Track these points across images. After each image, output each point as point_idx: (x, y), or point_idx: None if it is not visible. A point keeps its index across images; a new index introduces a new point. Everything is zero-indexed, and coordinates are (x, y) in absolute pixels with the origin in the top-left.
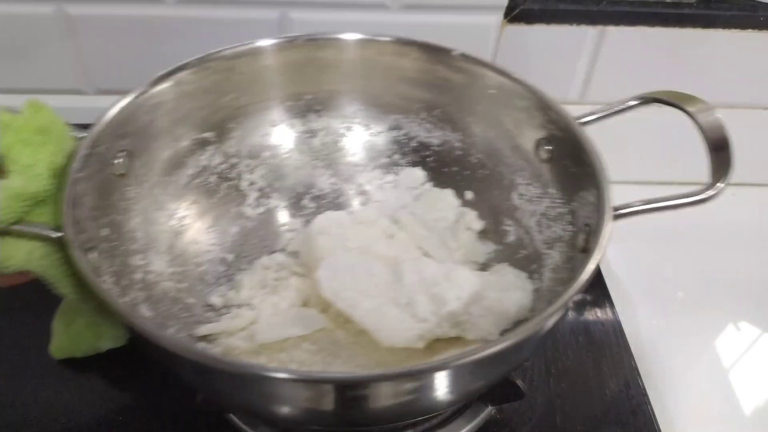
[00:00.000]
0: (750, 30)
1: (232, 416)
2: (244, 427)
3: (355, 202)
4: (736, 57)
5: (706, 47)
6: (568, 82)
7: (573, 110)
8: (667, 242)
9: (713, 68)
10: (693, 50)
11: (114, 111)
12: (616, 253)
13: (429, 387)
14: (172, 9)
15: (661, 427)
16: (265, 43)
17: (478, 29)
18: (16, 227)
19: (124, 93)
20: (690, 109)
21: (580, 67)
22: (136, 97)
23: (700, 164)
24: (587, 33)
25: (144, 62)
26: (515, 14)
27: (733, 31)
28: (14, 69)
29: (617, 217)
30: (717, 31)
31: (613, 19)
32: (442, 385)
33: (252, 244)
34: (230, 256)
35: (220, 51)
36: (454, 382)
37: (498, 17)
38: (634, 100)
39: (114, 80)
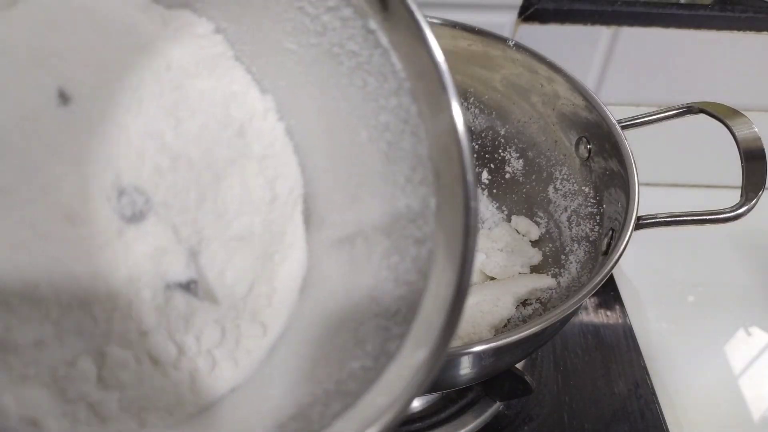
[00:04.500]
0: (766, 32)
1: None
2: None
3: None
4: (752, 59)
5: (721, 49)
6: (581, 81)
7: (616, 111)
8: (679, 245)
9: (729, 70)
10: (708, 52)
11: None
12: (628, 255)
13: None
14: None
15: (670, 428)
16: None
17: (492, 28)
18: None
19: None
20: (730, 122)
21: (594, 67)
22: None
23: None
24: (601, 33)
25: None
26: (529, 13)
27: (749, 33)
28: None
29: (641, 226)
30: (732, 33)
31: (627, 19)
32: (469, 363)
33: None
34: None
35: None
36: (477, 363)
37: (512, 16)
38: (680, 108)
39: None
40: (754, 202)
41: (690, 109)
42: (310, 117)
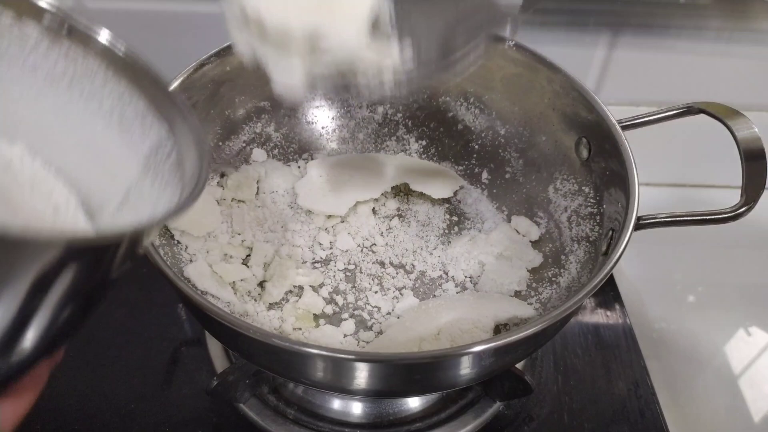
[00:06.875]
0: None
1: (242, 406)
2: (253, 416)
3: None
4: (751, 60)
5: (721, 49)
6: (581, 81)
7: (616, 111)
8: (679, 246)
9: (729, 70)
10: (708, 52)
11: (180, 79)
12: (629, 254)
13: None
14: (190, 4)
15: (670, 428)
16: None
17: None
18: None
19: None
20: (730, 122)
21: (594, 67)
22: (200, 66)
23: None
24: (601, 33)
25: (161, 57)
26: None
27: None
28: None
29: (641, 226)
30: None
31: (627, 19)
32: (467, 365)
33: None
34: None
35: None
36: (477, 363)
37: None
38: (680, 108)
39: None
40: (754, 202)
41: (690, 109)
42: (58, 139)
